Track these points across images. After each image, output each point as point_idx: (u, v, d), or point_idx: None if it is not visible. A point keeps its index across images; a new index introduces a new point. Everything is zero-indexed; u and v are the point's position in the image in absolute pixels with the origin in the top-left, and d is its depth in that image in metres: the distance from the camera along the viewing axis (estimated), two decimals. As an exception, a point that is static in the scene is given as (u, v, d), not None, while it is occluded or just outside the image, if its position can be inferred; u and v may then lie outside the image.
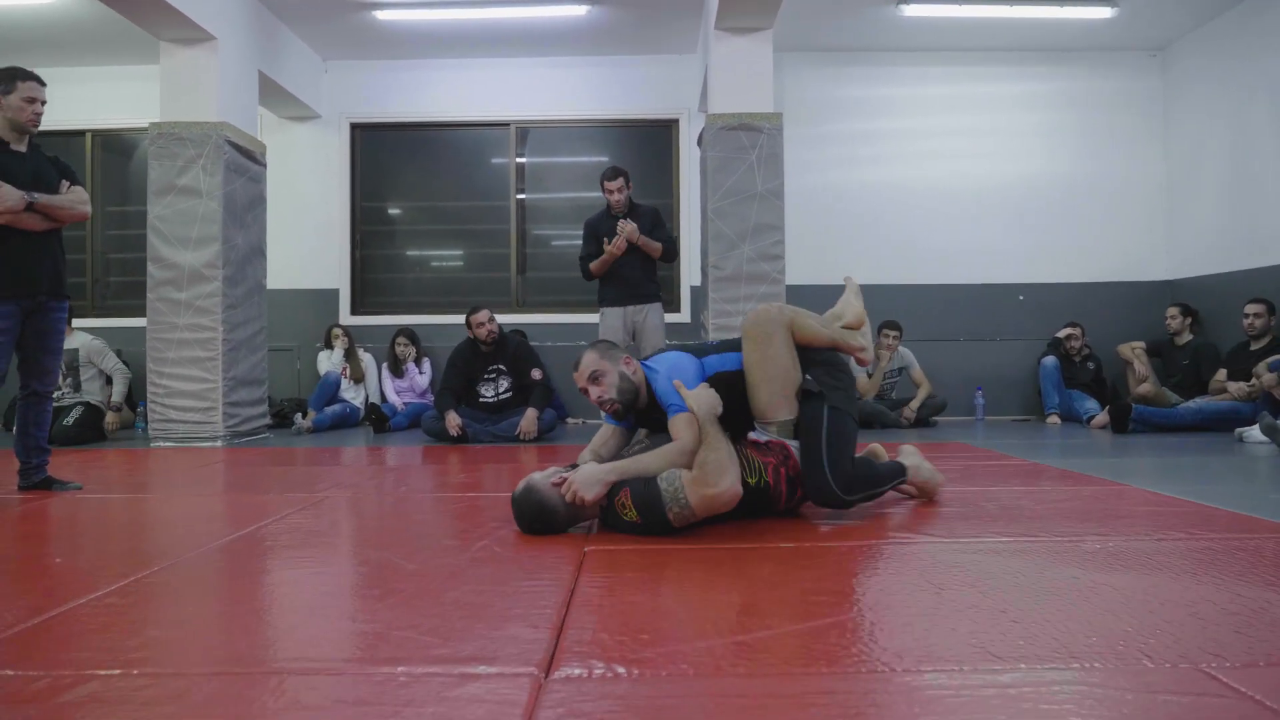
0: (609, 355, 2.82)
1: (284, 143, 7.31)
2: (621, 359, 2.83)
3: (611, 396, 2.78)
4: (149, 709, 1.35)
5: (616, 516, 2.51)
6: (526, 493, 2.58)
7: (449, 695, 1.36)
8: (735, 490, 2.47)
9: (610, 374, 2.78)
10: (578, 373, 2.83)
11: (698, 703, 1.34)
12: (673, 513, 2.44)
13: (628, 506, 2.47)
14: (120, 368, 6.43)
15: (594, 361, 2.80)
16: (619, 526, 2.53)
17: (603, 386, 2.78)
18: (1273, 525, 2.60)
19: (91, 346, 6.35)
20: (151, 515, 3.32)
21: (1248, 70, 6.52)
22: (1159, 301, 7.17)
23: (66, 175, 3.67)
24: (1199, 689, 1.35)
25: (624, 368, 2.81)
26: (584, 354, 2.84)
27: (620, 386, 2.79)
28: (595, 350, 2.83)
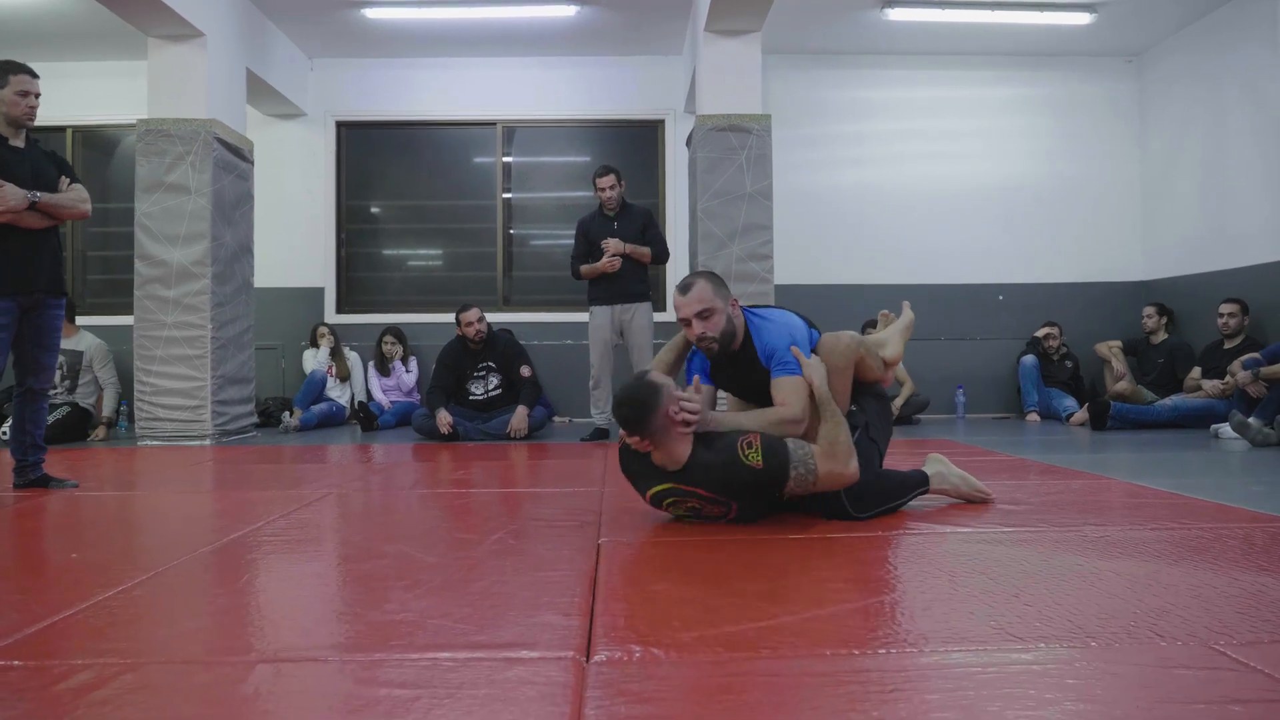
0: (720, 293, 2.75)
1: (270, 141, 7.29)
2: (730, 299, 2.78)
3: (714, 335, 2.73)
4: (202, 695, 1.39)
5: (730, 457, 2.43)
6: (649, 385, 2.49)
7: (498, 678, 1.41)
8: (857, 475, 2.50)
9: (720, 314, 2.73)
10: (685, 299, 2.73)
11: (739, 682, 1.39)
12: (796, 473, 2.44)
13: (755, 448, 2.43)
14: (113, 381, 6.33)
15: (707, 296, 2.72)
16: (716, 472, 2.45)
17: (709, 324, 2.72)
18: (1255, 515, 2.71)
19: (97, 351, 6.28)
20: (154, 512, 3.33)
21: (1221, 75, 6.68)
22: (1135, 301, 7.33)
23: (65, 171, 3.65)
24: (1211, 664, 1.43)
25: (731, 309, 2.77)
26: (696, 282, 2.75)
27: (724, 329, 2.74)
28: (710, 283, 2.76)
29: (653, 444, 2.50)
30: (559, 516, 2.84)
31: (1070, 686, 1.35)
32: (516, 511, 3.06)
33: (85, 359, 6.22)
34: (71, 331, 6.23)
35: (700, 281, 2.76)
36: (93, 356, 6.26)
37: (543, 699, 1.32)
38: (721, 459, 2.46)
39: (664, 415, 2.45)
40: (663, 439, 2.49)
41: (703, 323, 2.73)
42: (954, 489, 2.95)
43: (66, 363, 6.13)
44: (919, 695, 1.33)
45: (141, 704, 1.34)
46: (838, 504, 2.61)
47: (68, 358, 6.14)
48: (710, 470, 2.48)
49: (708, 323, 2.73)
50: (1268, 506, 2.85)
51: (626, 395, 2.50)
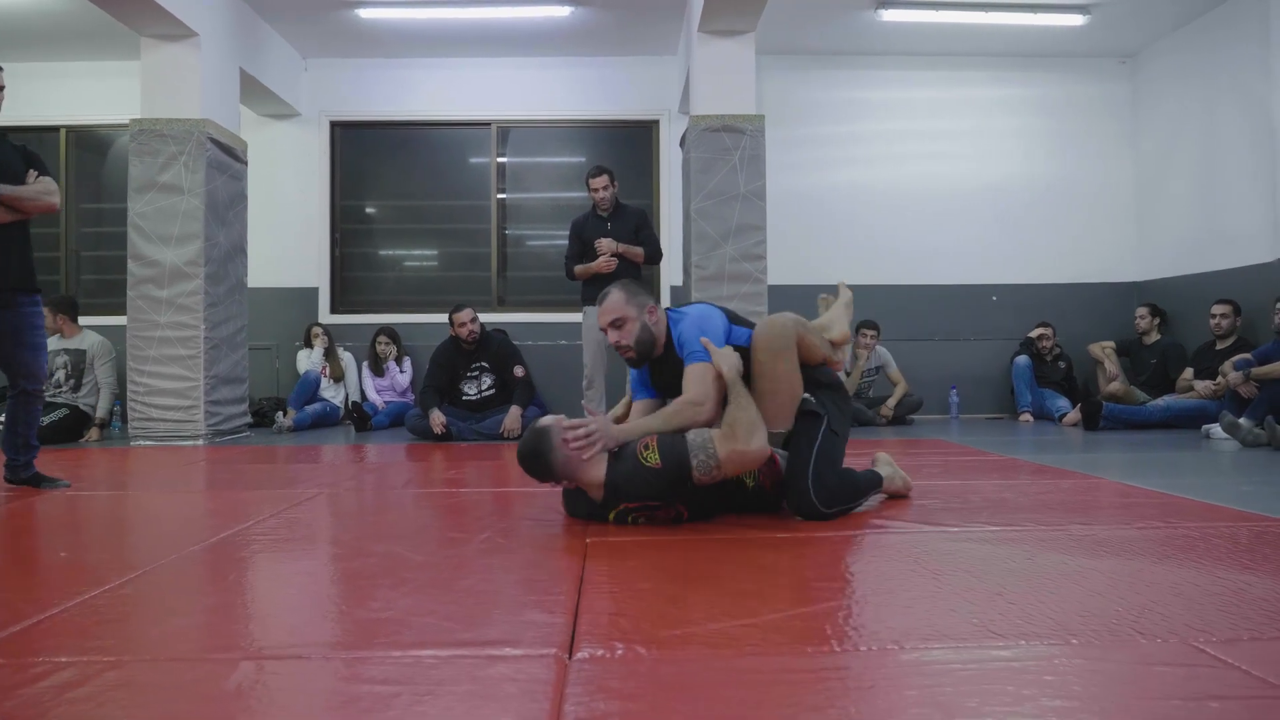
0: (634, 301, 2.81)
1: (263, 141, 7.29)
2: (647, 307, 2.83)
3: (629, 344, 2.80)
4: (185, 692, 1.40)
5: (633, 465, 2.47)
6: (537, 432, 2.55)
7: (480, 675, 1.41)
8: (765, 450, 2.50)
9: (632, 323, 2.79)
10: (599, 309, 2.84)
11: (719, 678, 1.40)
12: (697, 460, 2.44)
13: (651, 448, 2.46)
14: (109, 381, 6.25)
15: (619, 306, 2.79)
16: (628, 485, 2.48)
17: (623, 333, 2.80)
18: (1242, 514, 2.72)
19: (100, 349, 6.21)
20: (144, 512, 3.33)
21: (1214, 77, 6.70)
22: (1128, 302, 7.35)
23: (34, 165, 3.53)
24: (1190, 661, 1.43)
25: (647, 317, 2.82)
26: (610, 294, 2.82)
27: (639, 337, 2.80)
28: (623, 292, 2.82)
29: (573, 482, 2.56)
30: (548, 516, 2.84)
31: (1048, 683, 1.36)
32: (507, 511, 3.07)
33: (89, 357, 6.18)
34: (75, 331, 6.21)
35: (614, 292, 2.82)
36: (95, 355, 6.20)
37: (523, 695, 1.33)
38: (628, 469, 2.50)
39: (563, 454, 2.49)
40: (577, 473, 2.53)
41: (616, 331, 2.80)
42: (896, 490, 3.02)
43: (70, 362, 6.09)
44: (897, 691, 1.34)
45: (123, 701, 1.34)
46: (807, 501, 2.62)
47: (71, 357, 6.11)
48: (626, 483, 2.51)
49: (621, 331, 2.80)
50: (1255, 506, 2.86)
51: (522, 451, 2.57)
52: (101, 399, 6.21)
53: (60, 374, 6.07)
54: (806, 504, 2.62)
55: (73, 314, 6.27)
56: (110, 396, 6.25)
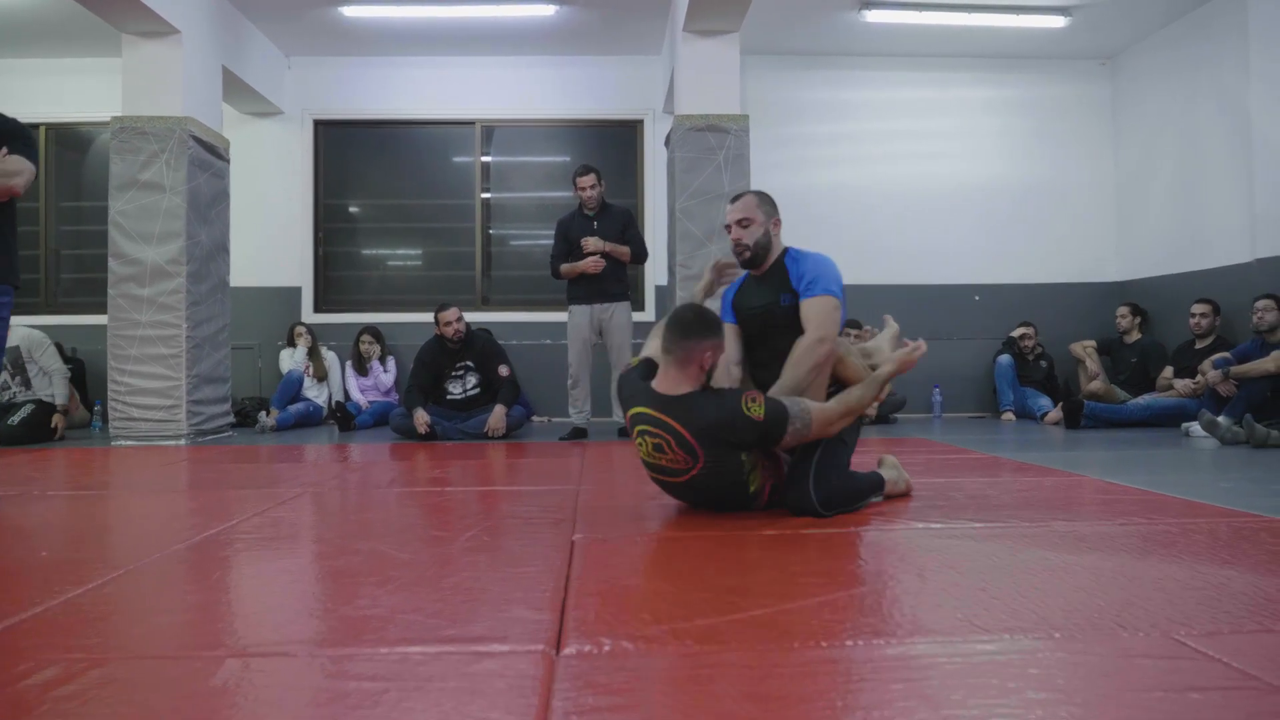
0: (763, 208, 2.98)
1: (246, 139, 7.24)
2: (773, 218, 2.99)
3: (748, 244, 2.95)
4: (170, 690, 1.39)
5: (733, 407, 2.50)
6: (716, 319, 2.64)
7: (467, 671, 1.41)
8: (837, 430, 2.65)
9: (758, 226, 2.95)
10: (731, 206, 3.00)
11: (706, 673, 1.40)
12: (793, 426, 2.54)
13: (759, 402, 2.52)
14: (59, 367, 6.11)
15: (750, 207, 2.96)
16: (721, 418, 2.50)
17: (746, 232, 2.95)
18: (1222, 510, 2.75)
19: (32, 340, 6.07)
20: (126, 511, 3.30)
21: (1193, 79, 6.77)
22: (1109, 302, 7.40)
23: (8, 139, 3.17)
24: (1171, 653, 1.45)
25: (771, 227, 2.98)
26: (745, 194, 2.98)
27: (758, 240, 2.96)
28: (757, 198, 2.98)
29: (675, 360, 2.57)
30: (534, 514, 2.84)
31: (1032, 676, 1.37)
32: (492, 509, 3.06)
33: (24, 351, 6.03)
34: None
35: (749, 194, 2.99)
36: (30, 347, 6.05)
37: (511, 691, 1.33)
38: (722, 406, 2.53)
39: (707, 346, 2.57)
40: (685, 363, 2.56)
41: (741, 230, 2.96)
42: (899, 493, 3.04)
43: (9, 362, 5.94)
44: (883, 685, 1.34)
45: (108, 699, 1.33)
46: (808, 502, 2.63)
47: (8, 357, 5.93)
48: (704, 414, 2.52)
49: (745, 231, 2.95)
50: (1234, 502, 2.89)
51: (695, 307, 2.66)
52: (56, 386, 6.06)
53: (4, 375, 5.96)
54: (806, 504, 2.64)
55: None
56: (63, 382, 6.11)
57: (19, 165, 3.17)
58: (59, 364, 6.16)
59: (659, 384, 2.60)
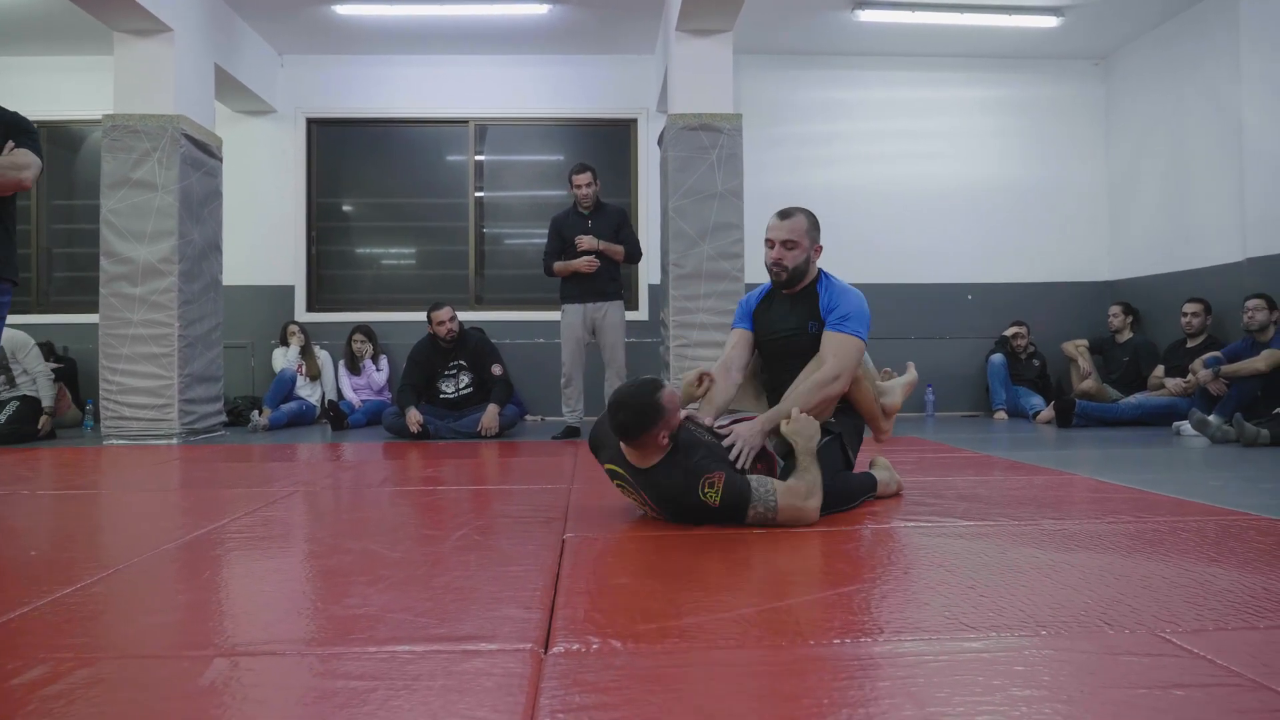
0: (812, 234, 2.93)
1: (239, 137, 7.22)
2: (816, 245, 2.95)
3: (787, 265, 2.90)
4: (158, 689, 1.39)
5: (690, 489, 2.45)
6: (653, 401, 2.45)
7: (455, 670, 1.42)
8: (816, 514, 2.53)
9: (801, 251, 2.90)
10: (780, 224, 2.91)
11: (694, 671, 1.41)
12: (755, 511, 2.46)
13: (716, 488, 2.45)
14: (42, 369, 6.09)
15: (799, 231, 2.90)
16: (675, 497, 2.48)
17: (790, 255, 2.89)
18: (1210, 508, 2.77)
19: (15, 341, 6.05)
20: (117, 510, 3.30)
21: (1185, 79, 6.79)
22: (1101, 301, 7.42)
23: (15, 135, 3.13)
24: (1156, 650, 1.46)
25: (813, 253, 2.94)
26: (796, 215, 2.91)
27: (799, 265, 2.91)
28: (808, 222, 2.93)
29: (634, 449, 2.53)
30: (526, 513, 2.84)
31: (1018, 673, 1.38)
32: (484, 508, 3.07)
33: (8, 353, 6.01)
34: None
35: (800, 216, 2.93)
36: (13, 349, 6.03)
37: (499, 689, 1.33)
38: (680, 486, 2.49)
39: (654, 436, 2.48)
40: (644, 448, 2.52)
41: (785, 251, 2.90)
42: (890, 494, 3.04)
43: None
44: (870, 683, 1.35)
45: (96, 699, 1.33)
46: None
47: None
48: (664, 489, 2.52)
49: (789, 252, 2.90)
50: (1223, 501, 2.90)
51: (629, 401, 2.47)
52: (41, 388, 6.05)
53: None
54: None
55: None
56: (48, 383, 6.09)
57: (28, 159, 3.14)
58: (43, 366, 6.13)
59: (627, 452, 2.57)
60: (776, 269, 2.92)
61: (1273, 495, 3.08)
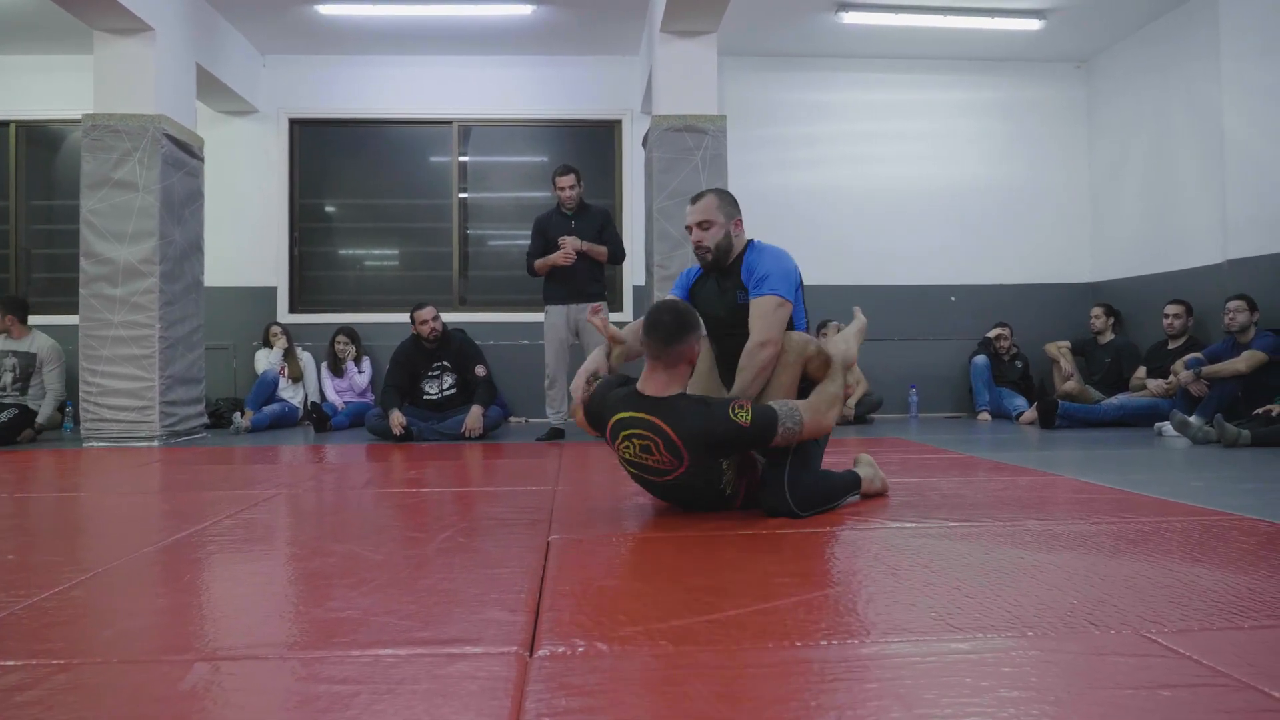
0: (724, 209, 2.95)
1: (221, 138, 7.18)
2: (734, 219, 2.97)
3: (708, 246, 2.93)
4: (137, 694, 1.37)
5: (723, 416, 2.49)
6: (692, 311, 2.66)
7: (439, 673, 1.40)
8: (833, 423, 2.68)
9: (719, 228, 2.93)
10: (692, 208, 2.96)
11: (681, 674, 1.40)
12: (784, 427, 2.53)
13: (746, 409, 2.50)
14: (57, 389, 6.13)
15: (710, 209, 2.93)
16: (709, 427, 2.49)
17: (707, 234, 2.93)
18: (1192, 509, 2.78)
19: (49, 354, 6.11)
20: (97, 513, 3.27)
21: (1166, 82, 6.84)
22: (1084, 302, 7.47)
23: None
24: (1142, 651, 1.46)
25: (732, 228, 2.96)
26: (706, 195, 2.96)
27: (719, 242, 2.94)
28: (717, 198, 2.96)
29: (664, 364, 2.58)
30: (510, 515, 2.83)
31: (1005, 674, 1.37)
32: (468, 510, 3.05)
33: (38, 361, 6.07)
34: (24, 332, 6.10)
35: (709, 195, 2.97)
36: (44, 359, 6.09)
37: (484, 693, 1.32)
38: (708, 411, 2.52)
39: (690, 345, 2.58)
40: (674, 364, 2.58)
41: (702, 232, 2.94)
42: (875, 491, 3.05)
43: (20, 365, 6.01)
44: (858, 684, 1.34)
45: (72, 704, 1.31)
46: (783, 503, 2.63)
47: (20, 360, 6.01)
48: (691, 417, 2.51)
49: (706, 233, 2.93)
50: (1206, 501, 2.92)
51: (672, 306, 2.65)
52: (45, 404, 6.07)
53: (8, 376, 5.95)
54: (783, 506, 2.64)
55: (23, 315, 6.14)
56: (55, 403, 6.11)
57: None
58: (59, 385, 6.17)
59: (646, 386, 2.60)
60: (700, 251, 2.97)
61: (1254, 495, 3.10)
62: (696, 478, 2.59)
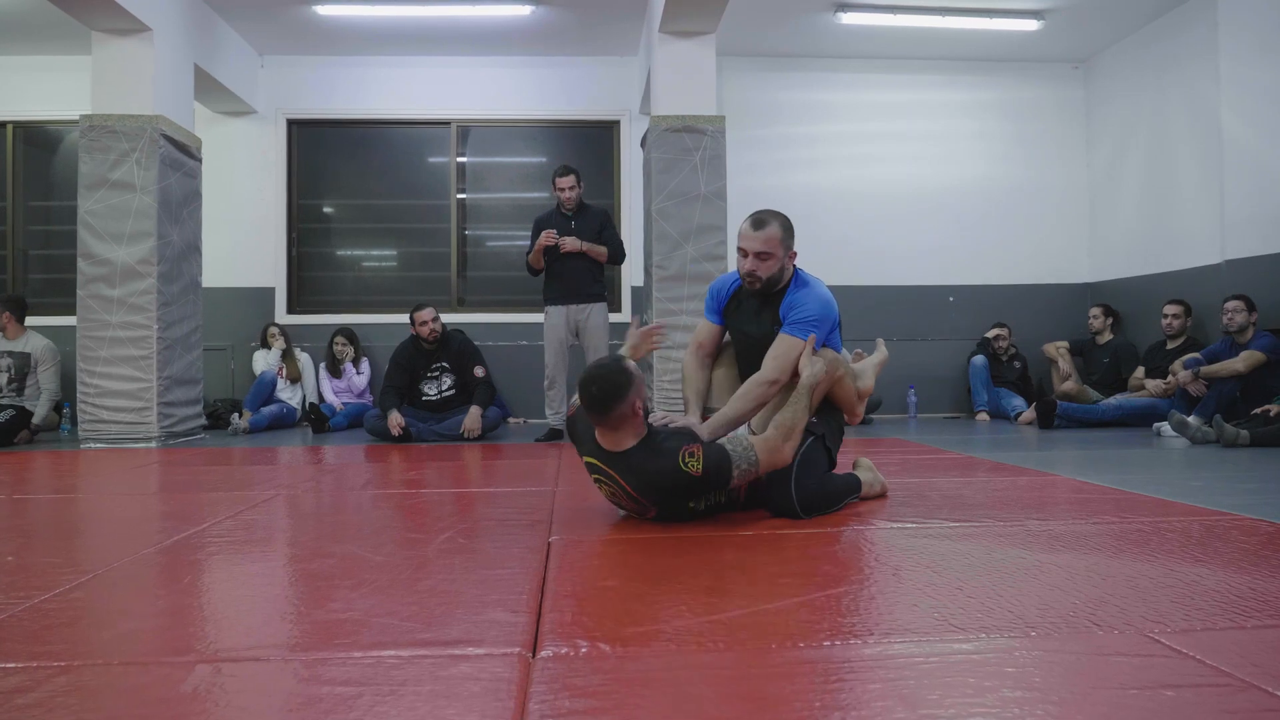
0: (786, 242, 2.85)
1: (219, 138, 7.17)
2: (790, 252, 2.89)
3: (761, 277, 2.85)
4: (138, 696, 1.37)
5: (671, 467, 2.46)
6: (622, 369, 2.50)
7: (442, 675, 1.40)
8: (791, 455, 2.58)
9: (776, 261, 2.84)
10: (754, 234, 2.82)
11: (685, 675, 1.40)
12: (739, 471, 2.50)
13: (697, 456, 2.46)
14: (52, 388, 6.12)
15: (773, 242, 2.81)
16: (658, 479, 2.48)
17: (764, 267, 2.83)
18: (1192, 509, 2.78)
19: (44, 353, 6.10)
20: (95, 515, 3.26)
21: (1164, 82, 6.85)
22: (1082, 303, 7.48)
23: None
24: (1146, 651, 1.46)
25: (787, 261, 2.89)
26: (770, 223, 2.82)
27: (773, 275, 2.86)
28: (781, 231, 2.84)
29: (607, 428, 2.52)
30: (510, 516, 2.82)
31: (1009, 674, 1.37)
32: (468, 511, 3.04)
33: (33, 361, 6.06)
34: (19, 332, 6.09)
35: (773, 225, 2.83)
36: (40, 359, 6.08)
37: (486, 694, 1.31)
38: (659, 464, 2.49)
39: (628, 405, 2.47)
40: (617, 423, 2.50)
41: (759, 262, 2.83)
42: (874, 494, 3.04)
43: (14, 365, 6.01)
44: (861, 685, 1.34)
45: (74, 706, 1.30)
46: (789, 505, 2.64)
47: (15, 360, 6.02)
48: (643, 472, 2.50)
49: (763, 265, 2.83)
50: (1205, 501, 2.92)
51: (598, 374, 2.50)
52: (41, 404, 6.06)
53: (3, 377, 5.95)
54: (787, 506, 2.64)
55: (20, 314, 6.13)
56: (50, 403, 6.11)
57: None
58: (54, 385, 6.17)
59: (600, 438, 2.56)
60: (750, 279, 2.87)
61: (1254, 495, 3.10)
62: (672, 514, 2.60)
